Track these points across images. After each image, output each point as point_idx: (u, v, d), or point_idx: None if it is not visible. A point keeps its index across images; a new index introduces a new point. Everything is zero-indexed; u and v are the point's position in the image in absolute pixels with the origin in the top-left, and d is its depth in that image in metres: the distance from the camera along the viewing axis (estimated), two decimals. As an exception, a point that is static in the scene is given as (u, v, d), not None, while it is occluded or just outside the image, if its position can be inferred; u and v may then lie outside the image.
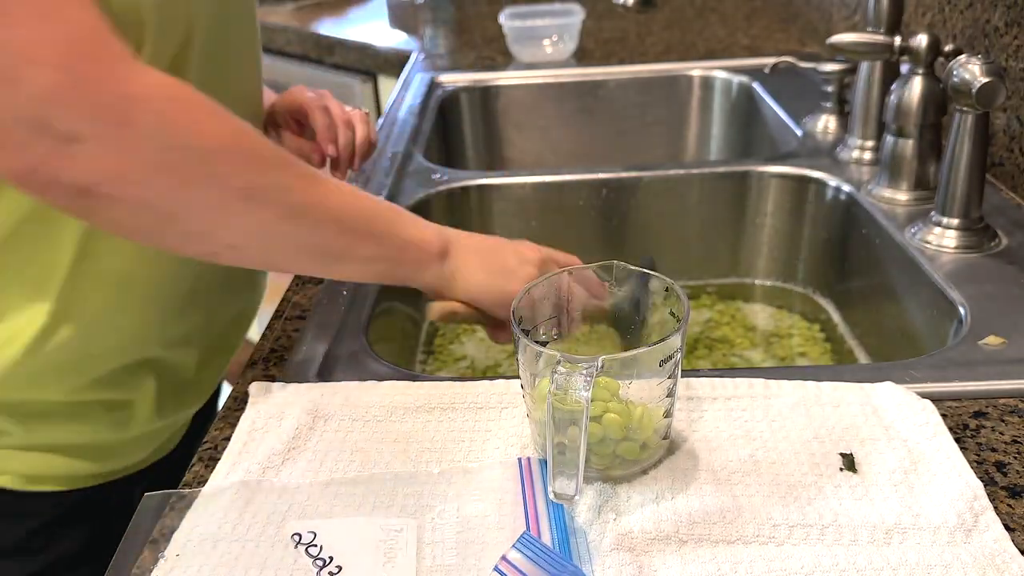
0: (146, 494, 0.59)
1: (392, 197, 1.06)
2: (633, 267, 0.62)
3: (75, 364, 0.72)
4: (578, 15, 1.59)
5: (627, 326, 0.64)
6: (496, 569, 0.50)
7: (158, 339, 0.77)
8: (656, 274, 0.61)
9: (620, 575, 0.51)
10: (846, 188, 1.02)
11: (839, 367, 0.95)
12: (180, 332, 0.79)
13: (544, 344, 0.62)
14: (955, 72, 0.80)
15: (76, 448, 0.77)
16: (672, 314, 0.60)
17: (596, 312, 0.66)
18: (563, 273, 0.64)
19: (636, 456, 0.58)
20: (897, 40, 0.92)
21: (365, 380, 0.70)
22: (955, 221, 0.86)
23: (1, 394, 0.72)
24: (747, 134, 1.44)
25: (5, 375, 0.70)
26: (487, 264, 0.72)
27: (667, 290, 0.60)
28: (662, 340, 0.55)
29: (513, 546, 0.50)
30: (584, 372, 0.51)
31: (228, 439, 0.64)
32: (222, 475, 0.60)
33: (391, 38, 1.94)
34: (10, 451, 0.75)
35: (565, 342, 0.64)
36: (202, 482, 0.60)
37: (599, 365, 0.52)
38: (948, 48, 0.91)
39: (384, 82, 1.94)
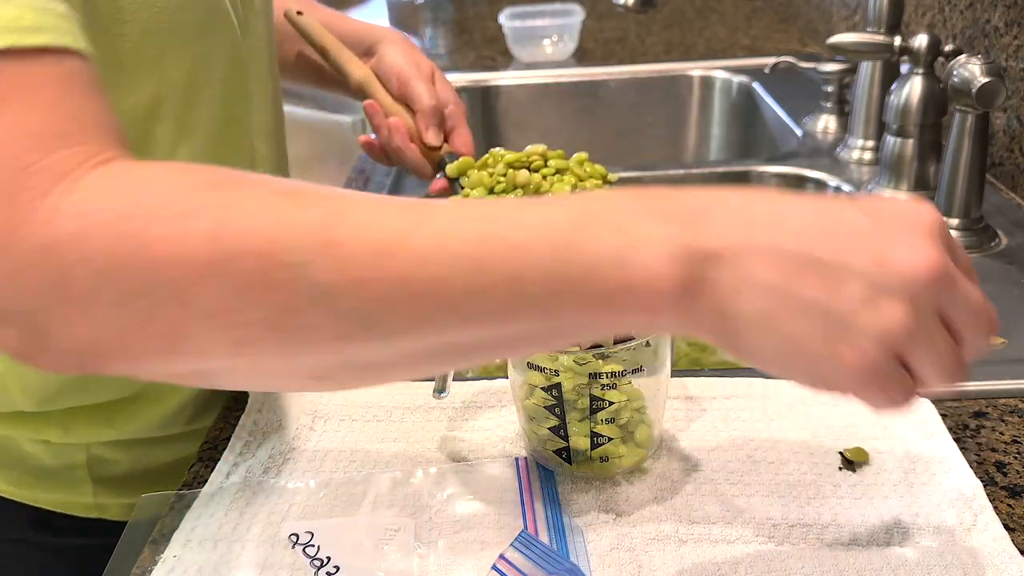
0: (144, 494, 0.59)
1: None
2: None
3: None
4: (578, 15, 1.59)
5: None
6: (494, 568, 0.50)
7: None
8: None
9: (620, 575, 0.51)
10: (846, 188, 1.02)
11: (839, 367, 0.95)
12: None
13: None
14: (955, 72, 0.80)
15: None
16: None
17: None
18: None
19: (631, 453, 0.58)
20: (897, 40, 0.92)
21: (365, 380, 0.70)
22: (955, 221, 0.86)
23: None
24: (747, 134, 1.44)
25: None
26: (789, 318, 0.39)
27: None
28: (652, 336, 0.55)
29: (511, 544, 0.51)
30: None
31: (228, 439, 0.64)
32: (222, 475, 0.60)
33: (391, 38, 1.93)
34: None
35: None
36: (202, 482, 0.60)
37: None
38: (948, 48, 0.91)
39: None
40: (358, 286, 0.39)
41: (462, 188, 0.76)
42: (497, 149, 0.75)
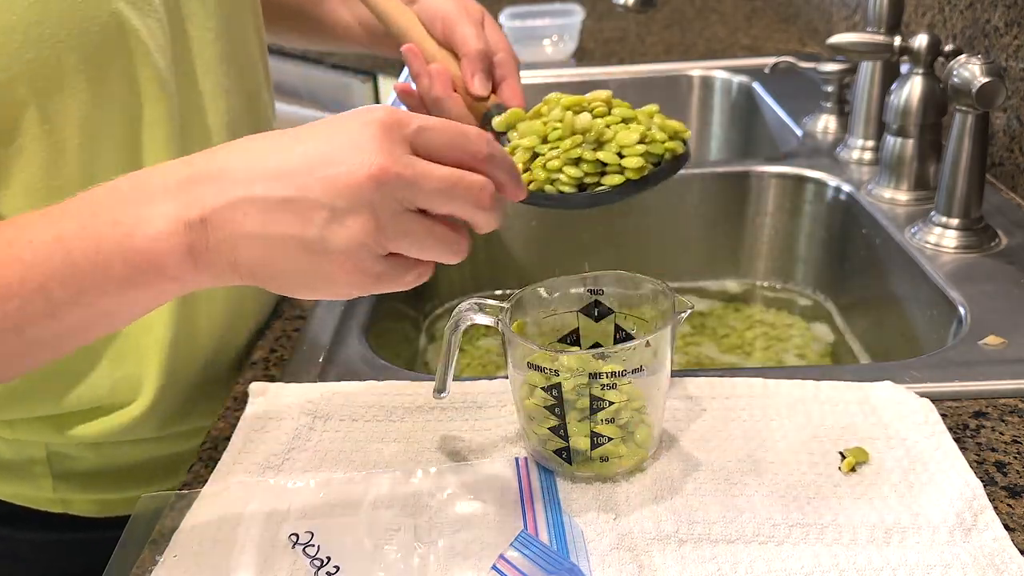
0: (144, 495, 0.59)
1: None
2: (642, 276, 0.61)
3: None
4: (578, 15, 1.59)
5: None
6: (494, 568, 0.50)
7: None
8: (651, 279, 0.61)
9: (620, 575, 0.51)
10: (846, 188, 1.02)
11: (839, 367, 0.95)
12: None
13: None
14: (955, 72, 0.80)
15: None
16: (664, 311, 0.60)
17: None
18: None
19: (631, 453, 0.58)
20: (897, 40, 0.92)
21: (365, 380, 0.69)
22: (955, 221, 0.86)
23: None
24: (747, 134, 1.44)
25: None
26: (279, 256, 0.46)
27: (659, 288, 0.60)
28: (653, 333, 0.55)
29: (511, 544, 0.51)
30: (478, 306, 0.57)
31: (228, 439, 0.64)
32: (222, 475, 0.60)
33: (391, 38, 1.93)
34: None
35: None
36: (202, 482, 0.60)
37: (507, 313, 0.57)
38: (948, 48, 0.91)
39: (384, 82, 1.94)
40: None
41: (508, 143, 0.67)
42: (553, 94, 0.67)
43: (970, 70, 0.79)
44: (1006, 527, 0.53)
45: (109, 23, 0.60)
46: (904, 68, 0.93)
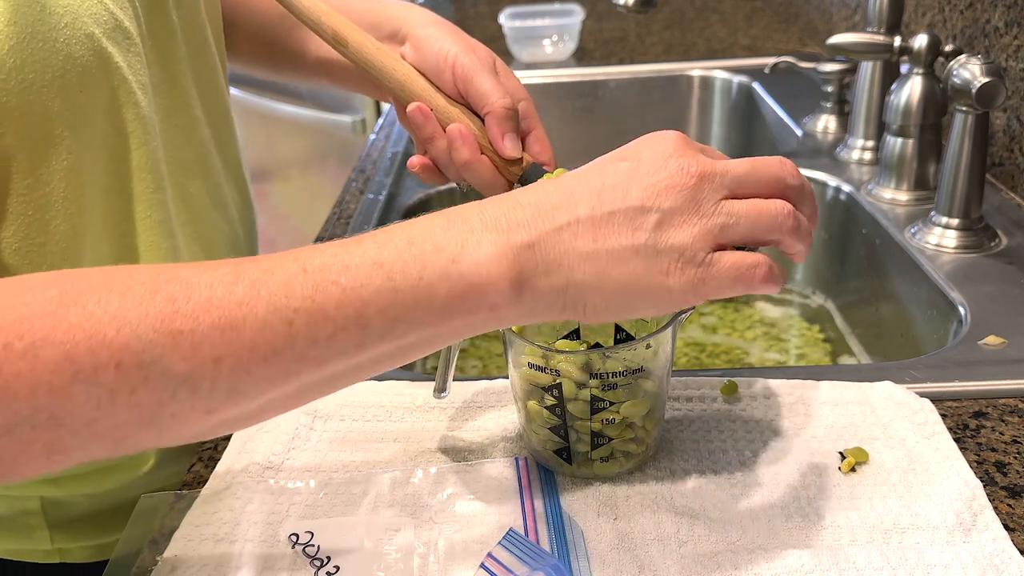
0: (144, 495, 0.59)
1: (392, 197, 1.06)
2: None
3: None
4: (578, 15, 1.59)
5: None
6: (482, 566, 0.50)
7: None
8: None
9: (620, 575, 0.51)
10: (846, 188, 1.02)
11: (839, 367, 0.95)
12: None
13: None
14: (955, 72, 0.80)
15: None
16: None
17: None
18: None
19: (631, 453, 0.58)
20: (897, 40, 0.92)
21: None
22: (955, 221, 0.86)
23: None
24: (747, 134, 1.44)
25: None
26: (614, 267, 0.46)
27: None
28: (653, 334, 0.55)
29: (499, 543, 0.51)
30: None
31: (228, 439, 0.64)
32: (222, 475, 0.60)
33: (391, 38, 1.93)
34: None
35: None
36: (202, 482, 0.60)
37: None
38: (948, 48, 0.91)
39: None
40: (213, 365, 0.41)
41: None
42: None
43: (970, 70, 0.79)
44: (1006, 527, 0.53)
45: (91, 63, 0.57)
46: (904, 68, 0.93)
